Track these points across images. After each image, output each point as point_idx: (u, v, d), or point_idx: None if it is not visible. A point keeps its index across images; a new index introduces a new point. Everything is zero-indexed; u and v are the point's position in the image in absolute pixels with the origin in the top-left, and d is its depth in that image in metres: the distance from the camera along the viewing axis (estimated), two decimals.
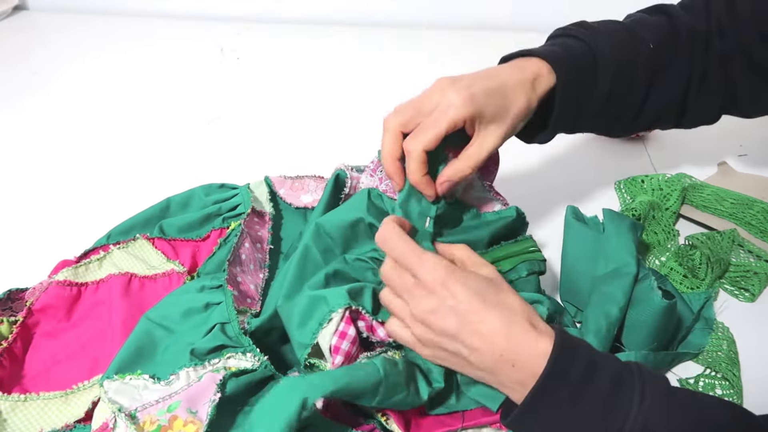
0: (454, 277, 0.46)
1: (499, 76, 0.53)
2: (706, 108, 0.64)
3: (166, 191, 0.72)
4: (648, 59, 0.59)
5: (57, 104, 0.98)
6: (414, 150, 0.51)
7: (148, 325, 0.55)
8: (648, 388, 0.41)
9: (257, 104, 0.99)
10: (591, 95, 0.57)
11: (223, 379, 0.48)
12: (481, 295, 0.45)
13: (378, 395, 0.47)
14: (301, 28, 1.22)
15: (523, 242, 0.59)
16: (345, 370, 0.47)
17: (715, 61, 0.61)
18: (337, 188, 0.65)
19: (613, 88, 0.57)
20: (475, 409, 0.52)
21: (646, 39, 0.59)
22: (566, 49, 0.57)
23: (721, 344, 0.60)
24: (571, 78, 0.56)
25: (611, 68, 0.57)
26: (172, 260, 0.65)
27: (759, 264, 0.68)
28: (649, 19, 0.62)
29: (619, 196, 0.80)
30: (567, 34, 0.60)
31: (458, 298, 0.45)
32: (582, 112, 0.58)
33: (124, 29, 1.21)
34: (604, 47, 0.57)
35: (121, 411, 0.47)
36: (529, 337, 0.44)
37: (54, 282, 0.61)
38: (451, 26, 1.23)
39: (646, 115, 0.62)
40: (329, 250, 0.57)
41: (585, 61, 0.57)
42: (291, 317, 0.52)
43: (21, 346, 0.57)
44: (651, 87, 0.60)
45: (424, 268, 0.46)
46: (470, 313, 0.45)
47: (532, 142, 0.61)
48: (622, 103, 0.60)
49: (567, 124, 0.59)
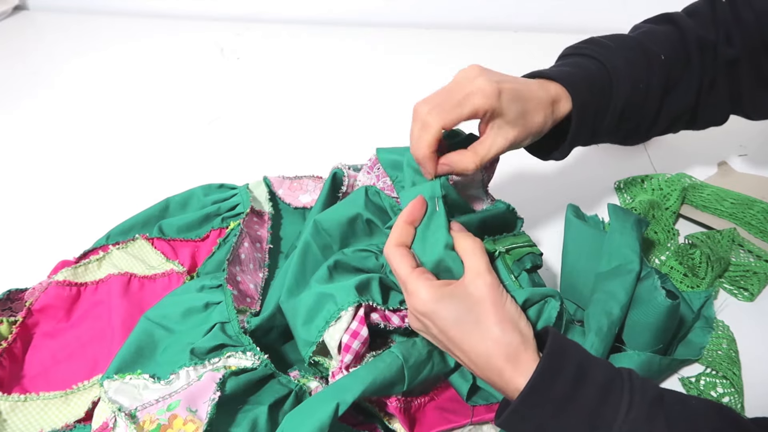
0: (436, 310, 0.46)
1: (527, 86, 0.53)
2: (717, 112, 0.64)
3: (166, 191, 0.72)
4: (661, 72, 0.59)
5: (57, 104, 0.98)
6: (433, 124, 0.50)
7: (147, 325, 0.55)
8: (636, 398, 0.42)
9: (257, 104, 0.99)
10: (606, 114, 0.58)
11: (222, 378, 0.48)
12: (461, 326, 0.46)
13: (405, 380, 0.49)
14: (301, 28, 1.22)
15: (521, 236, 0.59)
16: (366, 368, 0.48)
17: (723, 67, 0.61)
18: (334, 187, 0.65)
19: (627, 105, 0.58)
20: (480, 406, 0.53)
21: (658, 52, 0.59)
22: (581, 71, 0.57)
23: (721, 343, 0.60)
24: (587, 102, 0.56)
25: (627, 86, 0.57)
26: (172, 260, 0.65)
27: (759, 263, 0.68)
28: (657, 30, 0.62)
29: (619, 196, 0.80)
30: (580, 53, 0.59)
31: (438, 328, 0.46)
32: (597, 131, 0.58)
33: (124, 29, 1.21)
34: (619, 65, 0.57)
35: (121, 410, 0.47)
36: (502, 376, 0.45)
37: (53, 282, 0.61)
38: (451, 26, 1.23)
39: (661, 124, 0.62)
40: (328, 246, 0.57)
41: (600, 83, 0.57)
42: (296, 314, 0.52)
43: (21, 347, 0.57)
44: (665, 98, 0.60)
45: (411, 296, 0.47)
46: (450, 342, 0.47)
47: (548, 159, 0.61)
48: (637, 117, 0.60)
49: (582, 143, 0.60)
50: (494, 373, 0.45)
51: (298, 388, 0.51)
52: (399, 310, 0.52)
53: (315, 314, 0.50)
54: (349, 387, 0.46)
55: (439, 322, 0.46)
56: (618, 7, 1.14)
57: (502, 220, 0.60)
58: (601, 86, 0.57)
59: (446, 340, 0.47)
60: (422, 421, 0.52)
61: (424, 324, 0.48)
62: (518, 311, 0.47)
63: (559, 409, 0.42)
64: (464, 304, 0.46)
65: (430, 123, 0.50)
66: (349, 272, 0.54)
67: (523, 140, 0.54)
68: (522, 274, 0.56)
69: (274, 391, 0.51)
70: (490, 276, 0.47)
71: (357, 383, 0.46)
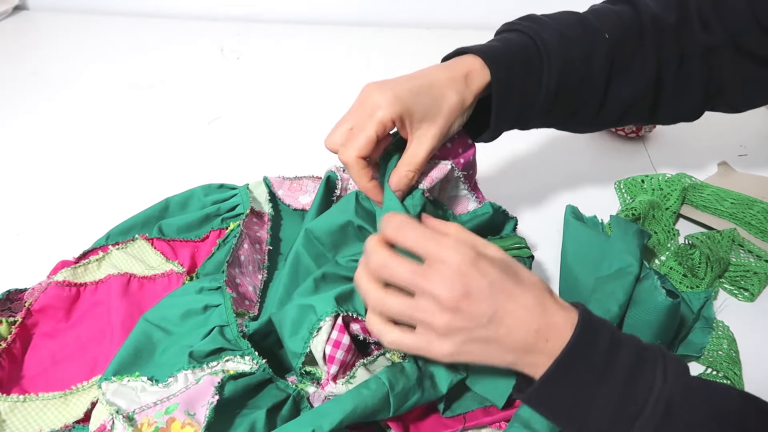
0: (483, 255, 0.43)
1: (427, 75, 0.52)
2: (686, 103, 0.61)
3: (166, 191, 0.72)
4: (604, 52, 0.56)
5: (57, 104, 0.98)
6: (349, 159, 0.50)
7: (146, 327, 0.55)
8: (670, 368, 0.41)
9: (257, 104, 0.99)
10: (535, 90, 0.55)
11: (221, 382, 0.48)
12: (509, 272, 0.43)
13: (391, 407, 0.47)
14: (301, 28, 1.22)
15: (509, 239, 0.58)
16: (350, 394, 0.47)
17: (696, 54, 0.58)
18: (328, 190, 0.65)
19: (561, 83, 0.55)
20: (476, 409, 0.52)
21: (602, 30, 0.56)
22: (505, 44, 0.55)
23: (722, 343, 0.60)
24: (508, 73, 0.53)
25: (558, 61, 0.54)
26: (171, 261, 0.65)
27: (759, 264, 0.68)
28: (610, 10, 0.59)
29: (619, 196, 0.80)
30: (512, 28, 0.57)
31: (491, 277, 0.42)
32: (527, 108, 0.56)
33: (124, 29, 1.21)
34: (551, 40, 0.54)
35: (119, 413, 0.47)
36: (560, 309, 0.43)
37: (53, 282, 0.61)
38: (451, 26, 1.23)
39: (610, 110, 0.59)
40: (321, 255, 0.57)
41: (525, 55, 0.54)
42: (283, 326, 0.52)
43: (20, 347, 0.57)
44: (611, 81, 0.57)
45: (449, 249, 0.42)
46: (504, 292, 0.42)
47: (479, 141, 0.59)
48: (576, 99, 0.57)
49: (512, 121, 0.57)
50: (551, 313, 0.42)
51: (296, 393, 0.51)
52: None
53: (299, 326, 0.50)
54: (328, 414, 0.45)
55: (491, 268, 0.42)
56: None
57: (488, 223, 0.59)
58: (528, 60, 0.54)
59: (499, 290, 0.42)
60: (419, 427, 0.51)
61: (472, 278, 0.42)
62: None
63: (596, 373, 0.41)
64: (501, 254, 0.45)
65: (349, 161, 0.50)
66: (337, 282, 0.53)
67: (447, 127, 0.52)
68: None
69: (272, 395, 0.50)
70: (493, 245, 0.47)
71: (337, 411, 0.45)
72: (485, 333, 0.42)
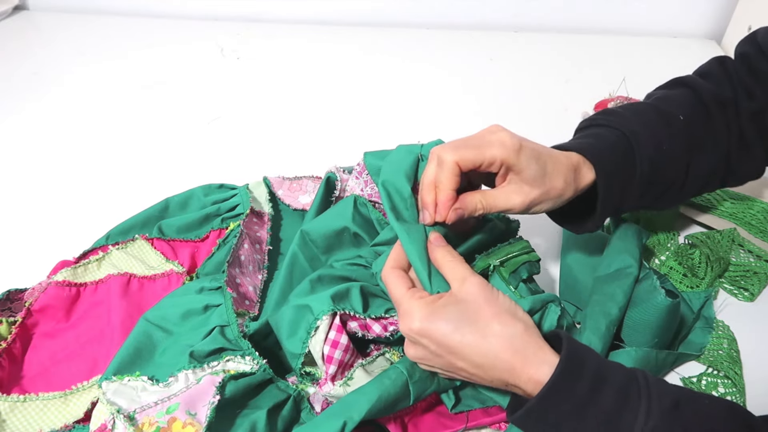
0: (431, 324, 0.45)
1: (552, 151, 0.52)
2: (752, 165, 0.63)
3: (166, 191, 0.72)
4: (682, 133, 0.57)
5: (57, 104, 0.98)
6: (448, 159, 0.48)
7: (146, 327, 0.55)
8: (654, 405, 0.41)
9: (257, 104, 0.99)
10: (632, 181, 0.56)
11: (222, 382, 0.48)
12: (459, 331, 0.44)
13: (411, 395, 0.48)
14: (301, 28, 1.22)
15: (518, 244, 0.58)
16: (372, 384, 0.47)
17: (748, 121, 0.60)
18: (328, 191, 0.65)
19: (652, 169, 0.56)
20: (477, 409, 0.52)
21: (675, 113, 0.58)
22: (599, 140, 0.55)
23: (722, 343, 0.60)
24: (611, 169, 0.53)
25: (649, 148, 0.55)
26: (171, 260, 0.65)
27: (759, 264, 0.68)
28: (671, 94, 0.61)
29: None
30: (596, 124, 0.58)
31: (437, 342, 0.45)
32: (625, 198, 0.56)
33: (124, 29, 1.21)
34: (637, 129, 0.55)
35: (120, 412, 0.47)
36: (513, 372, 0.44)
37: (53, 282, 0.61)
38: (451, 26, 1.23)
39: (691, 186, 0.60)
40: (315, 257, 0.58)
41: (621, 148, 0.55)
42: (280, 328, 0.52)
43: (20, 347, 0.57)
44: (691, 160, 0.58)
45: (405, 317, 0.46)
46: (452, 354, 0.45)
47: (580, 232, 0.58)
48: (665, 181, 0.58)
49: (612, 211, 0.57)
50: (504, 371, 0.44)
51: (296, 393, 0.51)
52: (382, 318, 0.51)
53: (297, 327, 0.50)
54: (355, 404, 0.46)
55: (436, 334, 0.45)
56: (618, 7, 1.14)
57: (495, 232, 0.59)
58: (623, 152, 0.55)
59: (447, 352, 0.45)
60: (418, 425, 0.51)
61: (422, 344, 0.46)
62: (512, 303, 0.47)
63: (577, 411, 0.41)
64: (457, 310, 0.45)
65: (444, 159, 0.48)
66: (333, 282, 0.53)
67: (540, 203, 0.51)
68: (520, 285, 0.56)
69: (273, 395, 0.51)
70: (475, 277, 0.47)
71: (363, 401, 0.46)
72: (455, 361, 0.46)
